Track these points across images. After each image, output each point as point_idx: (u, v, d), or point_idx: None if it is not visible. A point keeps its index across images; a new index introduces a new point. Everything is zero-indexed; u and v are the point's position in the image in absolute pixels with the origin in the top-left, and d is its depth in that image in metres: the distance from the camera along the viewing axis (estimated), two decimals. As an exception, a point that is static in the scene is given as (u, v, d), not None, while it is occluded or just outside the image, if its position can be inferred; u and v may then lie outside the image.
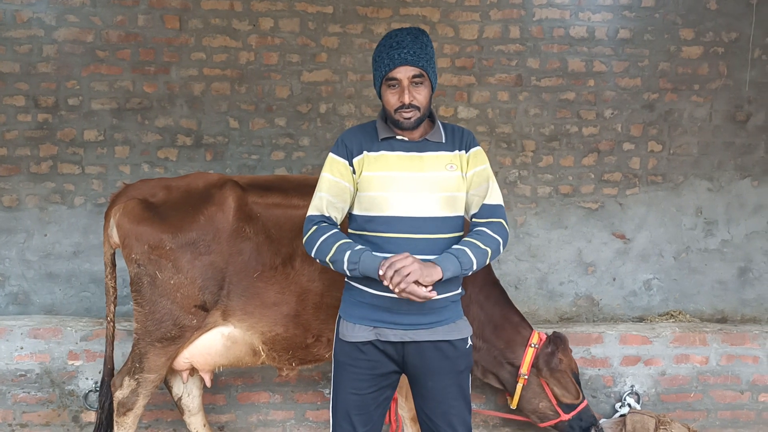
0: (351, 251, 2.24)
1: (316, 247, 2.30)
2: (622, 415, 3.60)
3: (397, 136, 2.36)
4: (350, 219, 2.43)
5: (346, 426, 2.38)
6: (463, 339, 2.39)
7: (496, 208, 2.39)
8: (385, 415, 2.48)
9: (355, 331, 2.34)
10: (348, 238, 2.31)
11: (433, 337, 2.33)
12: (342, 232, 2.34)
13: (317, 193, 2.38)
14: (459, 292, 2.42)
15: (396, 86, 2.29)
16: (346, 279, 2.42)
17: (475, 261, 2.26)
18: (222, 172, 4.19)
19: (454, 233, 2.36)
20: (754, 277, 5.14)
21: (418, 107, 2.29)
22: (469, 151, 2.40)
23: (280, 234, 2.91)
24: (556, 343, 3.16)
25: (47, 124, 4.66)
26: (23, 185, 4.68)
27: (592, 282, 5.09)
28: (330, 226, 2.33)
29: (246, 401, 3.74)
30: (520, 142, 4.97)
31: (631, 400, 3.75)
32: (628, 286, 5.11)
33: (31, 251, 4.71)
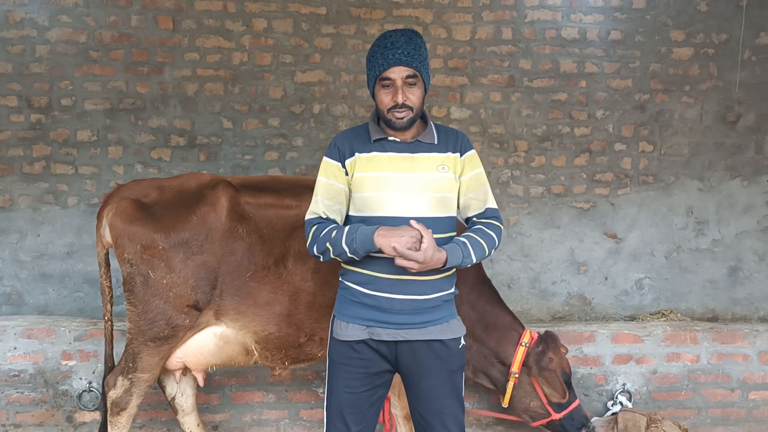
0: (348, 227, 2.29)
1: (317, 243, 2.33)
2: (614, 414, 3.61)
3: (389, 137, 2.38)
4: (346, 220, 2.44)
5: (340, 425, 2.39)
6: (456, 339, 2.41)
7: (494, 211, 2.45)
8: (379, 414, 2.49)
9: (349, 330, 2.36)
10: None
11: (426, 336, 2.34)
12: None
13: (314, 197, 2.41)
14: (452, 292, 2.44)
15: (390, 86, 2.30)
16: (341, 279, 2.44)
17: (473, 254, 2.30)
18: (215, 173, 4.20)
19: (447, 233, 2.37)
20: (745, 277, 5.18)
21: (411, 107, 2.31)
22: (464, 155, 2.43)
23: (272, 234, 2.91)
24: (547, 342, 3.17)
25: (40, 124, 4.65)
26: (16, 186, 4.67)
27: (584, 281, 5.11)
28: (327, 222, 2.36)
29: (240, 401, 3.74)
30: (512, 143, 5.00)
31: (623, 399, 3.77)
32: (620, 286, 5.13)
33: (24, 251, 4.70)
